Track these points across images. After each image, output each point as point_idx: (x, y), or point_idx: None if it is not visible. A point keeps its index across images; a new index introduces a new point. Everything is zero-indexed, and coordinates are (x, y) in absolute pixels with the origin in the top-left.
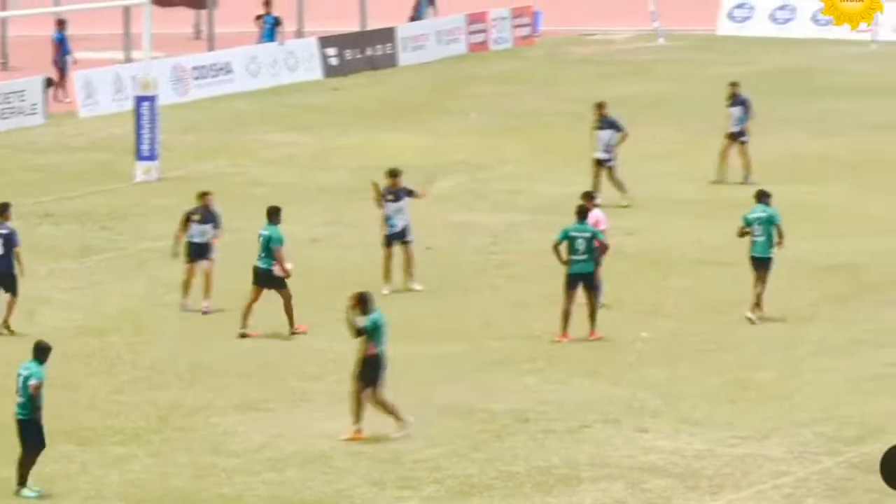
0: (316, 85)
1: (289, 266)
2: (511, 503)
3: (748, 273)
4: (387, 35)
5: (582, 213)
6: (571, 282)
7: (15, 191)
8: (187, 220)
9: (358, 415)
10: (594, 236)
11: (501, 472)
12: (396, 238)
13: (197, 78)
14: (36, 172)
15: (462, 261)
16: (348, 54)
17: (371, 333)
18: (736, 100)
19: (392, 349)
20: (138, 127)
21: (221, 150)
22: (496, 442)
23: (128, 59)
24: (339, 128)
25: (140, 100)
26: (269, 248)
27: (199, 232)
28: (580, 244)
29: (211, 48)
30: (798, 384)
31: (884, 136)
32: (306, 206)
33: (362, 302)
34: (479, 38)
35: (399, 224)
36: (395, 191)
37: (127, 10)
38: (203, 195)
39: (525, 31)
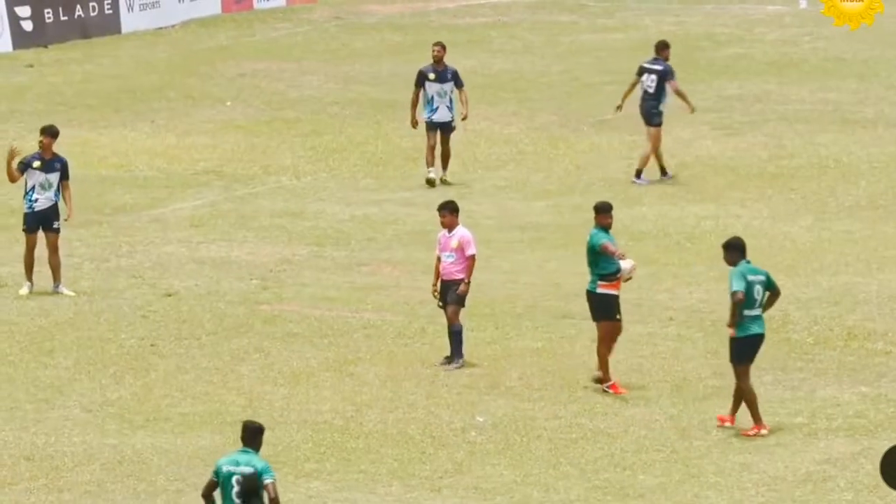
0: (3, 60)
1: None
2: None
3: (629, 330)
4: None
5: None
6: None
7: None
8: None
9: None
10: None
11: None
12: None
13: None
14: None
15: (216, 314)
16: (48, 16)
17: None
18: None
19: (118, 439)
20: None
21: None
22: None
23: None
24: (36, 121)
25: None
26: None
27: None
28: None
29: None
30: (695, 491)
31: (813, 132)
32: None
33: None
34: None
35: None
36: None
37: None
38: None
39: None
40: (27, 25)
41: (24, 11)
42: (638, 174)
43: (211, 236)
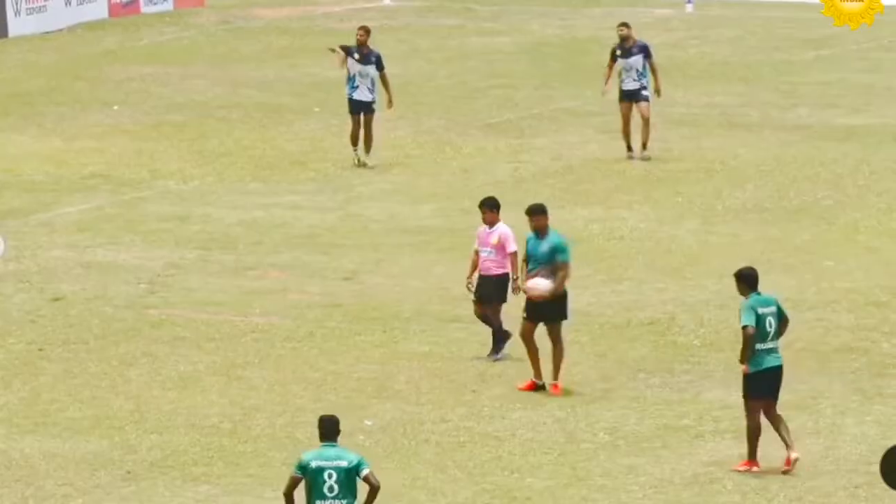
0: None
1: None
2: None
3: (516, 334)
4: None
5: None
6: None
7: None
8: None
9: None
10: None
11: None
12: None
13: None
14: None
15: (104, 319)
16: None
17: None
18: (633, 46)
19: (6, 444)
20: None
21: None
22: None
23: None
24: None
25: None
26: None
27: None
28: None
29: None
30: (583, 493)
31: (699, 135)
32: None
33: None
34: None
35: None
36: None
37: None
38: None
39: None
40: None
41: None
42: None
43: (98, 240)
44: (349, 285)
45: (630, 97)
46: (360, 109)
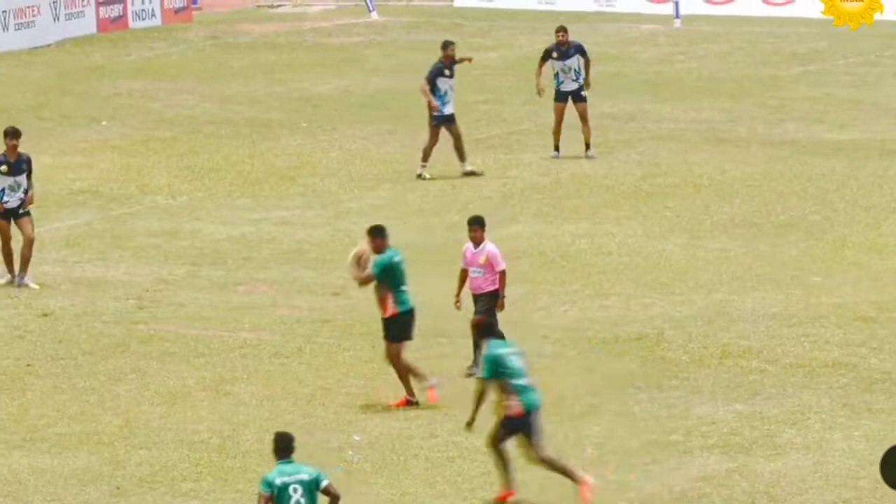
0: None
1: None
2: None
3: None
4: None
5: None
6: None
7: None
8: None
9: None
10: None
11: None
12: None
13: None
14: None
15: (93, 334)
16: None
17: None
18: (570, 47)
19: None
20: None
21: None
22: None
23: None
24: None
25: None
26: None
27: None
28: None
29: None
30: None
31: (686, 150)
32: None
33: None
34: (112, 11)
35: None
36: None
37: None
38: None
39: (179, 2)
40: None
41: None
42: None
43: (87, 256)
44: (338, 301)
45: (566, 98)
46: (445, 122)
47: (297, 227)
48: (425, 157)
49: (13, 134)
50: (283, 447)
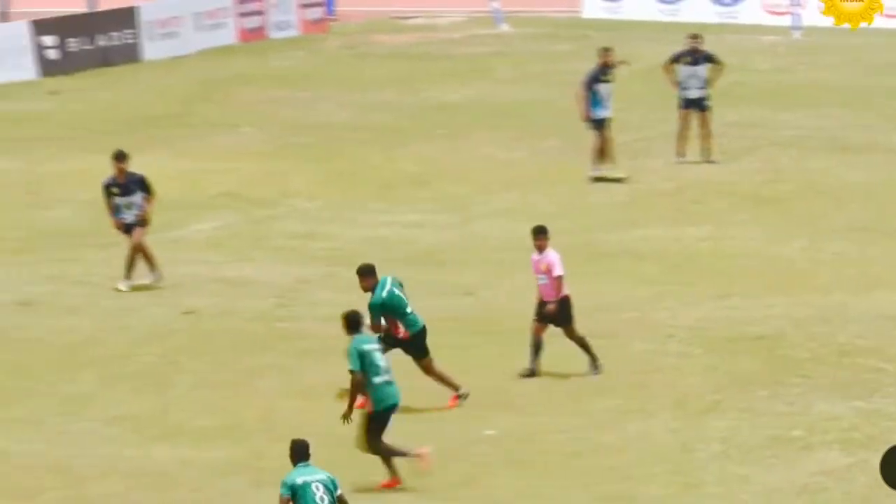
0: (27, 87)
1: None
2: None
3: (630, 347)
4: (125, 18)
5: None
6: None
7: None
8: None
9: None
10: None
11: None
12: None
13: None
14: None
15: (235, 331)
16: (73, 44)
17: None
18: (701, 55)
19: (140, 451)
20: None
21: None
22: None
23: None
24: (60, 147)
25: None
26: None
27: None
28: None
29: None
30: (697, 502)
31: (806, 157)
32: (15, 255)
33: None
34: (252, 22)
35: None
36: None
37: None
38: None
39: (315, 14)
40: (52, 54)
41: (48, 40)
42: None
43: (228, 257)
44: (469, 301)
45: (691, 105)
46: (602, 125)
47: (428, 230)
48: (596, 159)
49: (120, 157)
50: (300, 452)
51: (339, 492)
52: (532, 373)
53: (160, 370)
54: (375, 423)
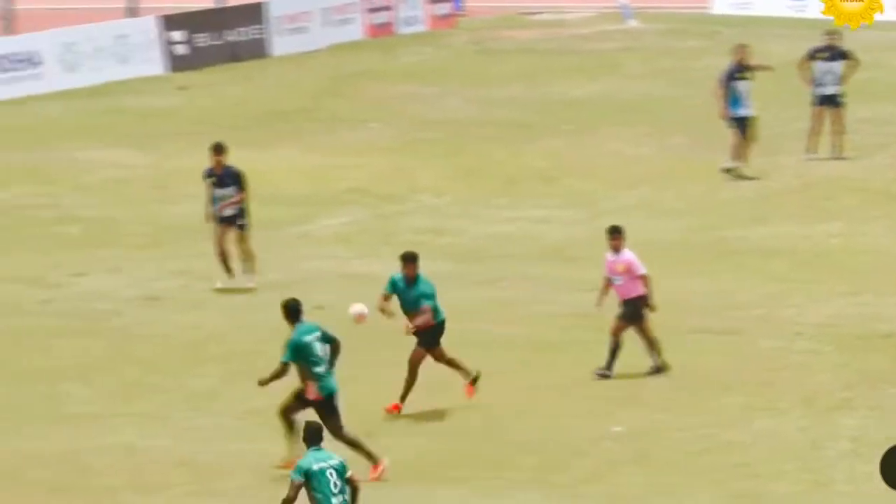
0: (156, 82)
1: None
2: None
3: (758, 344)
4: (254, 13)
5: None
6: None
7: None
8: None
9: None
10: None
11: None
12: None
13: None
14: None
15: (361, 326)
16: (201, 40)
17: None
18: (837, 51)
19: (266, 446)
20: None
21: (23, 173)
22: None
23: None
24: (188, 142)
25: None
26: None
27: None
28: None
29: (9, 31)
30: (827, 499)
31: None
32: (142, 250)
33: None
34: (380, 17)
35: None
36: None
37: None
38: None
39: (443, 9)
40: (180, 49)
41: (177, 36)
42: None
43: (357, 252)
44: (594, 297)
45: (825, 101)
46: (742, 122)
47: (555, 226)
48: (735, 157)
49: (218, 149)
50: (314, 436)
51: (350, 473)
52: (608, 373)
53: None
54: (327, 411)
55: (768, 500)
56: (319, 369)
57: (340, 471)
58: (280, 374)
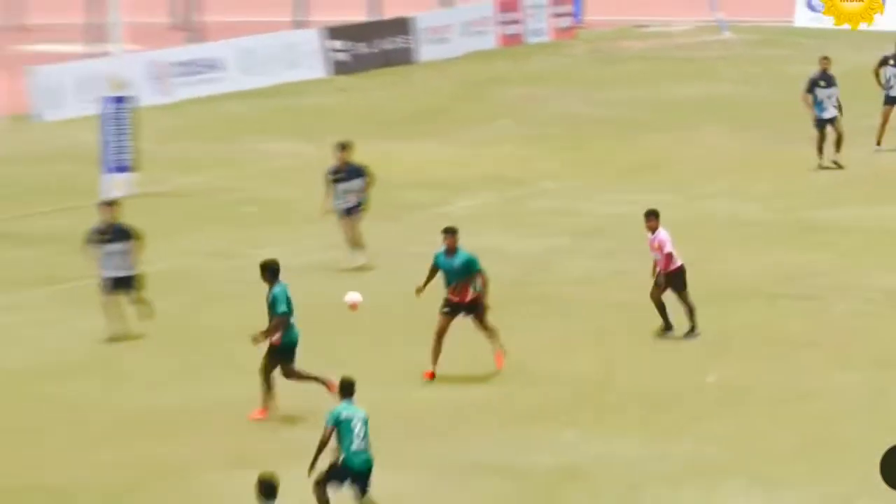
0: (320, 84)
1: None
2: None
3: (833, 309)
4: (403, 26)
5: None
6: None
7: None
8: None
9: None
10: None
11: None
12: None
13: (181, 76)
14: None
15: (492, 293)
16: (358, 48)
17: None
18: None
19: (409, 394)
20: (106, 134)
21: (211, 161)
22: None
23: (96, 53)
24: (347, 135)
25: (110, 101)
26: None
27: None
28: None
29: (196, 40)
30: (893, 441)
31: None
32: (310, 225)
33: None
34: (510, 29)
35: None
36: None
37: None
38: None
39: (565, 22)
40: (340, 56)
41: (338, 45)
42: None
43: (488, 229)
44: (691, 269)
45: (894, 101)
46: (828, 123)
47: (662, 207)
48: (818, 153)
49: (342, 147)
50: (348, 389)
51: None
52: (669, 327)
53: (414, 326)
54: (282, 355)
55: (841, 443)
56: (293, 319)
57: (365, 421)
58: (281, 325)
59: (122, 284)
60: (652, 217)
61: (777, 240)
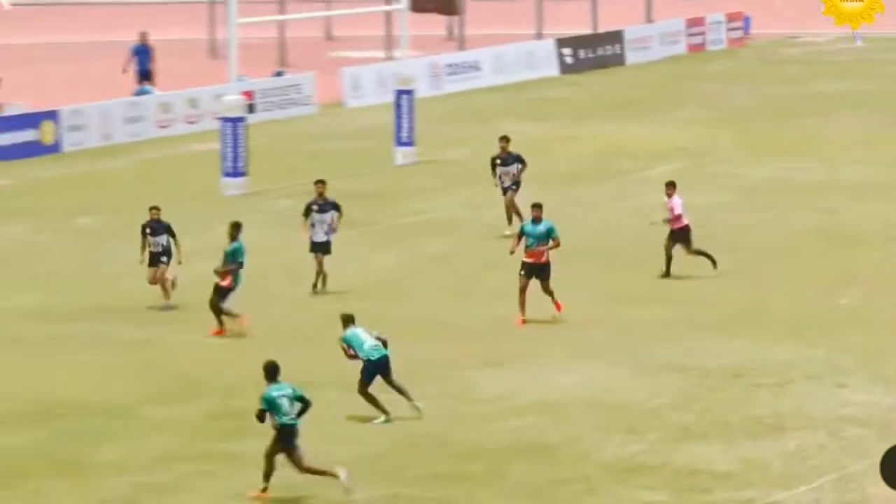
0: (553, 81)
1: None
2: (725, 448)
3: None
4: (615, 37)
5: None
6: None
7: (290, 173)
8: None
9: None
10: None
11: (716, 420)
12: None
13: (450, 74)
14: (308, 158)
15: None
16: (581, 54)
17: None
18: None
19: (624, 312)
20: (397, 117)
21: (471, 139)
22: (711, 395)
23: (389, 58)
24: (574, 118)
25: (400, 93)
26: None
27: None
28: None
29: (462, 48)
30: None
31: None
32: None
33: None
34: (696, 39)
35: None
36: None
37: (387, 15)
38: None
39: (737, 34)
40: (568, 60)
41: (567, 51)
42: None
43: (680, 189)
44: (831, 218)
45: None
46: None
47: (808, 174)
48: None
49: (503, 139)
50: (272, 373)
51: (300, 392)
52: (667, 273)
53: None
54: (227, 292)
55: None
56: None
57: (292, 397)
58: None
59: (322, 248)
60: (670, 186)
61: (894, 198)
